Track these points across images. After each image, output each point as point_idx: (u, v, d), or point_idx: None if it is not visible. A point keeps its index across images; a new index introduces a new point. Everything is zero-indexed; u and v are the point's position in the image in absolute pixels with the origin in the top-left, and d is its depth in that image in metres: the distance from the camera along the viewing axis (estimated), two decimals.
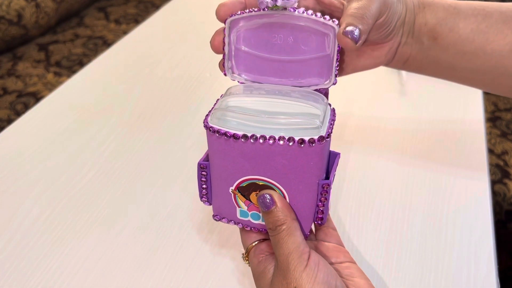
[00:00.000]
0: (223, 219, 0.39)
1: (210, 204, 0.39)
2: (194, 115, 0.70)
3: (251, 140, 0.33)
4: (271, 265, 0.36)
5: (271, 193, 0.35)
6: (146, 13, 1.43)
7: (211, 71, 0.79)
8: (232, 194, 0.37)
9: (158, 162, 0.61)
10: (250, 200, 0.36)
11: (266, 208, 0.35)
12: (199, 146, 0.64)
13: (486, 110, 1.17)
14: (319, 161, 0.33)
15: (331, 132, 0.34)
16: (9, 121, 0.96)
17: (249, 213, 0.37)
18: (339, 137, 0.65)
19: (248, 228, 0.38)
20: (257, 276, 0.37)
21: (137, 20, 1.38)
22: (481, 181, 0.59)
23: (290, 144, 0.32)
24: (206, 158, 0.38)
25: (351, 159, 0.62)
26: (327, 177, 0.36)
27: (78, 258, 0.49)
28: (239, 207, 0.37)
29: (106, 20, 1.38)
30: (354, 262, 0.38)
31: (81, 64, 1.18)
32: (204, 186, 0.38)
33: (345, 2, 0.38)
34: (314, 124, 0.33)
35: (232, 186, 0.36)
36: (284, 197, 0.35)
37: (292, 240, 0.34)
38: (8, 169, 0.60)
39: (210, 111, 0.36)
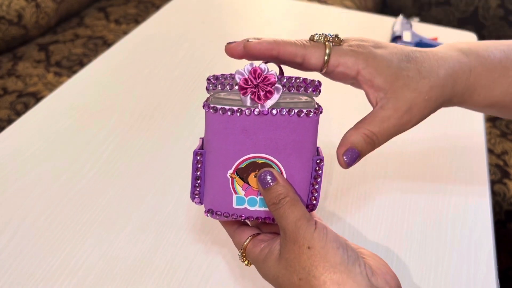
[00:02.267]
0: (216, 214, 0.38)
1: (201, 203, 0.39)
2: (194, 115, 0.70)
3: (255, 112, 0.34)
4: (275, 244, 0.36)
5: (271, 170, 0.36)
6: (146, 13, 1.43)
7: (211, 71, 0.79)
8: (230, 179, 0.37)
9: (158, 162, 0.61)
10: (248, 183, 0.37)
11: (267, 185, 0.35)
12: None
13: None
14: (314, 134, 0.36)
15: (321, 110, 0.35)
16: (9, 121, 0.96)
17: (246, 198, 0.37)
18: (338, 137, 0.65)
19: (243, 218, 0.38)
20: (262, 262, 0.36)
21: (137, 20, 1.38)
22: (481, 181, 0.59)
23: (291, 114, 0.34)
24: (201, 147, 0.38)
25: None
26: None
27: (78, 258, 0.49)
28: (236, 193, 0.37)
29: (106, 20, 1.38)
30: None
31: (81, 64, 1.18)
32: (198, 178, 0.38)
33: (307, 43, 0.36)
34: (308, 101, 0.35)
35: (230, 169, 0.37)
36: (282, 175, 0.36)
37: (298, 209, 0.34)
38: (8, 169, 0.60)
39: (207, 99, 0.36)
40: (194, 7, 1.02)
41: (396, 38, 0.86)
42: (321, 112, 0.35)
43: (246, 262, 0.39)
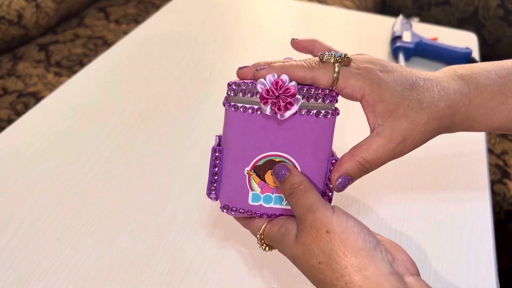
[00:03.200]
0: (231, 210, 0.39)
1: (217, 199, 0.40)
2: (194, 115, 0.70)
3: (276, 109, 0.35)
4: (292, 224, 0.36)
5: (285, 164, 0.37)
6: (146, 13, 1.43)
7: (211, 71, 0.79)
8: (247, 176, 0.38)
9: (158, 162, 0.61)
10: (264, 180, 0.38)
11: (282, 176, 0.36)
12: (199, 146, 0.64)
13: None
14: (330, 136, 0.37)
15: (338, 112, 0.37)
16: (9, 121, 0.96)
17: (262, 195, 0.38)
18: (339, 138, 0.65)
19: (258, 214, 0.39)
20: (279, 242, 0.37)
21: (137, 20, 1.38)
22: (481, 181, 0.59)
23: (310, 115, 0.36)
24: (218, 144, 0.39)
25: None
26: None
27: (78, 258, 0.49)
28: (252, 190, 0.38)
29: (106, 20, 1.38)
30: None
31: (81, 64, 1.18)
32: (215, 174, 0.39)
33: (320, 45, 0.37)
34: (329, 100, 0.36)
35: (248, 166, 0.38)
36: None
37: (313, 195, 0.35)
38: (8, 169, 0.60)
39: (227, 98, 0.37)
40: (194, 7, 1.02)
41: (396, 38, 0.86)
42: (338, 114, 0.37)
43: (264, 246, 0.39)
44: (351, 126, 0.68)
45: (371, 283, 0.31)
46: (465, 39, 0.92)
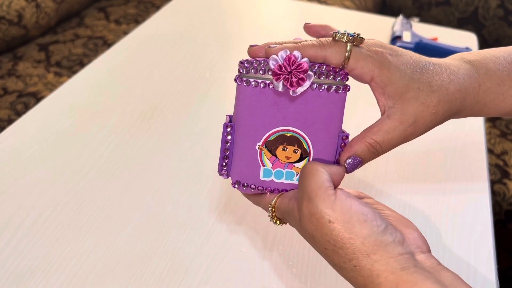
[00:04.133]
0: (242, 186, 0.39)
1: (228, 177, 0.40)
2: (194, 115, 0.70)
3: (288, 85, 0.35)
4: (296, 204, 0.36)
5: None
6: (146, 13, 1.43)
7: (211, 71, 0.79)
8: (258, 151, 0.38)
9: (158, 162, 0.61)
10: (276, 156, 0.38)
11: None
12: (199, 146, 0.64)
13: None
14: (341, 111, 0.37)
15: (349, 88, 0.37)
16: (10, 121, 0.96)
17: (273, 171, 0.39)
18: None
19: (269, 190, 0.39)
20: (288, 214, 0.37)
21: (137, 20, 1.38)
22: (481, 181, 0.59)
23: (321, 89, 0.36)
24: (230, 120, 0.39)
25: None
26: None
27: (78, 258, 0.49)
28: (263, 165, 0.38)
29: (106, 20, 1.38)
30: (374, 199, 0.38)
31: (82, 64, 1.18)
32: (227, 150, 0.39)
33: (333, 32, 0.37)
34: (340, 78, 0.37)
35: (259, 141, 0.38)
36: (309, 149, 0.38)
37: (316, 178, 0.34)
38: (8, 169, 0.60)
39: (239, 74, 0.37)
40: (194, 7, 1.02)
41: (396, 38, 0.86)
42: (348, 90, 0.37)
43: (275, 220, 0.39)
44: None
45: (380, 265, 0.31)
46: (465, 39, 0.92)
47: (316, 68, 0.36)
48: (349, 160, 0.37)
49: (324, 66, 0.36)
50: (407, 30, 0.88)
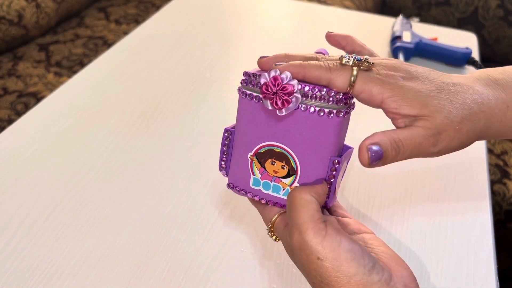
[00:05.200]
0: (236, 188, 0.40)
1: (227, 175, 0.42)
2: (194, 115, 0.70)
3: (274, 105, 0.35)
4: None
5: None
6: (146, 13, 1.43)
7: (211, 71, 0.79)
8: (250, 161, 0.39)
9: (158, 162, 0.61)
10: (264, 168, 0.38)
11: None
12: (199, 146, 0.64)
13: None
14: (334, 136, 0.36)
15: (349, 112, 0.36)
16: (10, 121, 0.96)
17: (261, 182, 0.39)
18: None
19: (257, 199, 0.39)
20: (283, 241, 0.36)
21: (137, 20, 1.38)
22: (481, 181, 0.59)
23: (310, 112, 0.35)
24: (233, 127, 0.40)
25: (351, 159, 0.62)
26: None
27: (78, 258, 0.49)
28: (253, 174, 0.39)
29: (106, 20, 1.38)
30: (374, 233, 0.37)
31: (82, 64, 1.18)
32: (225, 152, 0.41)
33: (360, 45, 0.36)
34: (334, 102, 0.35)
35: (251, 151, 0.39)
36: (296, 168, 0.37)
37: (305, 210, 0.33)
38: (8, 169, 0.60)
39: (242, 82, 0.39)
40: (194, 7, 1.02)
41: (396, 38, 0.86)
42: (346, 114, 0.35)
43: (274, 237, 0.39)
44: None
45: None
46: (465, 39, 0.92)
47: (307, 90, 0.35)
48: (373, 150, 0.34)
49: (317, 89, 0.35)
50: (407, 30, 0.88)
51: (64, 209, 0.55)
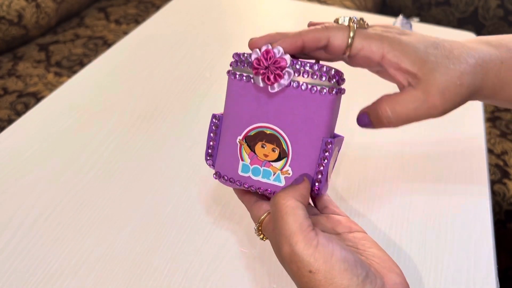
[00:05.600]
0: (222, 178, 0.39)
1: (214, 166, 0.40)
2: (194, 115, 0.70)
3: (266, 80, 0.35)
4: None
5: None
6: (146, 13, 1.43)
7: (211, 71, 0.79)
8: (238, 145, 0.37)
9: (158, 162, 0.61)
10: (254, 152, 0.37)
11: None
12: (199, 146, 0.64)
13: (485, 110, 1.17)
14: (327, 114, 0.35)
15: (343, 92, 0.35)
16: (10, 121, 0.96)
17: (251, 167, 0.37)
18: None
19: (246, 186, 0.38)
20: (273, 244, 0.35)
21: (137, 20, 1.38)
22: (481, 181, 0.59)
23: (302, 89, 0.34)
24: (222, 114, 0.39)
25: (351, 159, 0.62)
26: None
27: (78, 258, 0.49)
28: (242, 160, 0.38)
29: (106, 20, 1.38)
30: (365, 232, 0.36)
31: (82, 64, 1.18)
32: (212, 140, 0.39)
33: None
34: (327, 79, 0.34)
35: (240, 135, 0.37)
36: (288, 150, 0.36)
37: (294, 219, 0.31)
38: (8, 169, 0.60)
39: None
40: (194, 7, 1.02)
41: None
42: (337, 92, 0.35)
43: (261, 236, 0.38)
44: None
45: None
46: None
47: (299, 66, 0.34)
48: (363, 116, 0.35)
49: (309, 65, 0.34)
50: (407, 30, 0.88)
51: (64, 209, 0.55)
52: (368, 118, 0.36)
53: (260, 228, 0.37)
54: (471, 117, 0.69)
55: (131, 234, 0.52)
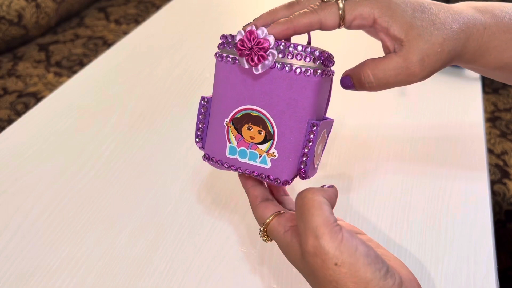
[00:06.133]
0: (211, 160, 0.39)
1: (202, 147, 0.40)
2: (194, 115, 0.70)
3: (250, 61, 0.35)
4: (298, 237, 0.34)
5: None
6: (146, 13, 1.43)
7: (211, 71, 0.79)
8: (226, 127, 0.37)
9: (158, 162, 0.61)
10: (241, 134, 0.37)
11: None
12: None
13: (485, 110, 1.17)
14: (312, 96, 0.35)
15: (331, 74, 0.36)
16: (10, 121, 0.96)
17: (238, 149, 0.37)
18: (338, 136, 0.65)
19: (234, 168, 0.38)
20: (284, 246, 0.35)
21: (137, 20, 1.38)
22: (481, 181, 0.59)
23: (287, 70, 0.34)
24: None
25: (351, 159, 0.62)
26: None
27: (78, 258, 0.49)
28: (229, 142, 0.38)
29: (106, 20, 1.38)
30: (366, 235, 0.37)
31: (82, 64, 1.18)
32: (201, 121, 0.40)
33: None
34: (312, 61, 0.34)
35: (227, 117, 0.37)
36: (274, 132, 0.36)
37: (320, 213, 0.32)
38: (8, 169, 0.60)
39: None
40: (194, 7, 1.02)
41: None
42: (324, 74, 0.34)
43: (265, 238, 0.38)
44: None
45: None
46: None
47: (282, 48, 0.34)
48: (346, 79, 0.37)
49: (294, 46, 0.34)
50: None
51: (64, 209, 0.55)
52: (351, 81, 0.37)
53: (265, 230, 0.37)
54: (471, 117, 0.70)
55: (131, 234, 0.52)
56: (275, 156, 0.36)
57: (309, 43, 0.38)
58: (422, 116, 0.70)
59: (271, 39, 0.34)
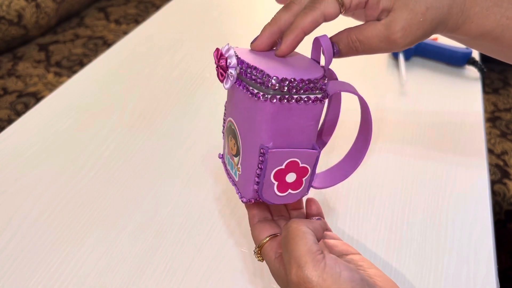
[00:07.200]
0: (222, 159, 0.43)
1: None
2: (194, 115, 0.70)
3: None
4: (283, 267, 0.34)
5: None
6: (146, 13, 1.43)
7: (211, 71, 0.79)
8: (223, 135, 0.41)
9: (158, 162, 0.61)
10: (228, 143, 0.39)
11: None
12: (199, 146, 0.64)
13: (485, 110, 1.17)
14: (266, 122, 0.33)
15: (290, 100, 0.33)
16: (9, 121, 0.96)
17: (227, 156, 0.41)
18: (338, 136, 0.65)
19: (225, 172, 0.42)
20: (275, 273, 0.36)
21: (137, 20, 1.38)
22: (481, 181, 0.59)
23: (245, 91, 0.34)
24: None
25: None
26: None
27: (78, 258, 0.49)
28: (224, 148, 0.42)
29: (106, 20, 1.38)
30: (361, 254, 0.38)
31: (81, 64, 1.18)
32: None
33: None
34: (270, 86, 0.32)
35: (224, 126, 0.41)
36: (240, 148, 0.37)
37: (304, 242, 0.32)
38: (8, 169, 0.60)
39: None
40: (194, 7, 1.02)
41: None
42: (283, 100, 0.32)
43: (259, 258, 0.39)
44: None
45: None
46: None
47: (242, 70, 0.34)
48: (327, 44, 0.36)
49: (252, 68, 0.33)
50: None
51: (64, 209, 0.55)
52: (337, 47, 0.37)
53: (259, 251, 0.38)
54: (471, 117, 0.70)
55: (131, 234, 0.52)
56: (239, 171, 0.37)
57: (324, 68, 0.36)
58: (422, 116, 0.70)
59: (233, 59, 0.34)
